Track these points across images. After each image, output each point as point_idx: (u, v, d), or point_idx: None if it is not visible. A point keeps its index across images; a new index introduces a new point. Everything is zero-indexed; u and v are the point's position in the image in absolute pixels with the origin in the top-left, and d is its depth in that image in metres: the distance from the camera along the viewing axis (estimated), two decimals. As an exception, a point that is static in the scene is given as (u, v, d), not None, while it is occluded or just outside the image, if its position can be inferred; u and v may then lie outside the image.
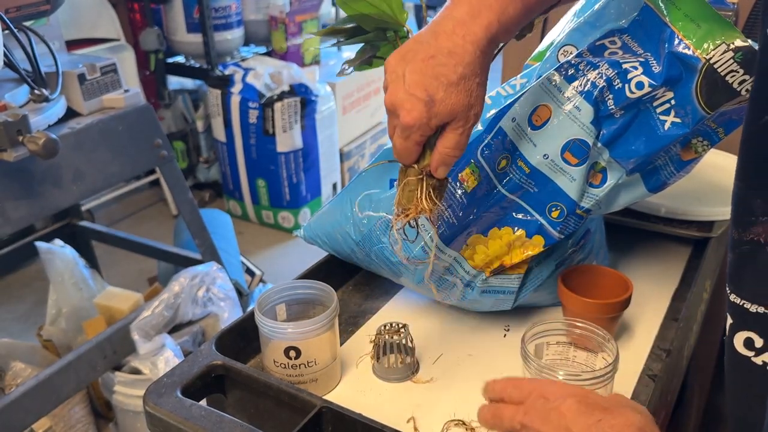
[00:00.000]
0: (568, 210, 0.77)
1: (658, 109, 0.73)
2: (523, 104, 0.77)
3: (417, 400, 0.77)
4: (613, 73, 0.72)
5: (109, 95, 1.53)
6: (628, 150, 0.76)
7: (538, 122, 0.76)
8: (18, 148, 1.22)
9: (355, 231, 0.85)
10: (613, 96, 0.72)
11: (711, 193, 1.05)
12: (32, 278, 2.64)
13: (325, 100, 2.92)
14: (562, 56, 0.79)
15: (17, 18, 1.36)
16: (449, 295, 0.86)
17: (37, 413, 1.41)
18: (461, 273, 0.83)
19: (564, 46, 0.80)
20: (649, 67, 0.71)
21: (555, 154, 0.75)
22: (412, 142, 0.64)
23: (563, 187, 0.76)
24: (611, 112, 0.74)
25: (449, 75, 0.61)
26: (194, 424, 0.68)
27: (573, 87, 0.74)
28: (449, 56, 0.61)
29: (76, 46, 2.67)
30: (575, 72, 0.74)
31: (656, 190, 0.81)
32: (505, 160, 0.78)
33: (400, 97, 0.62)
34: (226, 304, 1.66)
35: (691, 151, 0.77)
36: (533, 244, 0.80)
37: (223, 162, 3.04)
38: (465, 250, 0.82)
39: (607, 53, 0.74)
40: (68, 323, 1.83)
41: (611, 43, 0.74)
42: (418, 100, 0.61)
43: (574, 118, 0.74)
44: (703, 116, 0.71)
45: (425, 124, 0.62)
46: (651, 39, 0.72)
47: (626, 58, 0.73)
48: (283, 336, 0.74)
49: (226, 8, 2.95)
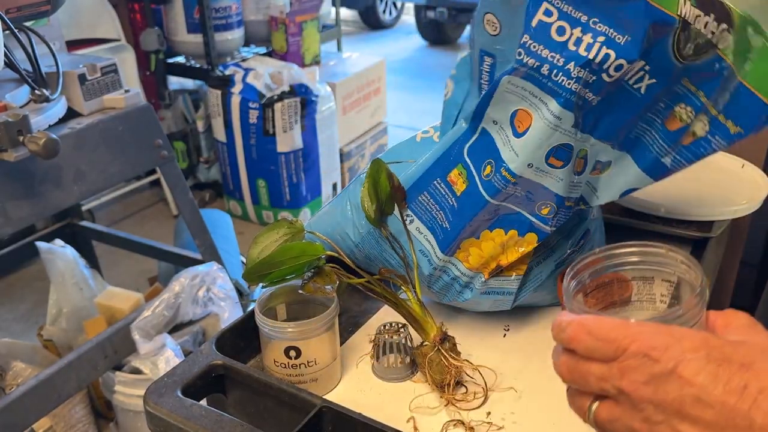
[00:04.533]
0: (557, 205, 0.77)
1: (630, 80, 0.71)
2: (498, 107, 0.74)
3: (417, 400, 0.77)
4: (586, 72, 0.68)
5: (109, 95, 1.53)
6: (609, 127, 0.74)
7: (521, 129, 0.73)
8: (19, 149, 1.23)
9: (354, 232, 0.85)
10: (589, 89, 0.70)
11: (711, 193, 1.05)
12: (33, 278, 2.64)
13: (325, 100, 2.93)
14: (488, 27, 0.74)
15: (18, 18, 1.36)
16: (447, 297, 0.86)
17: (38, 413, 1.41)
18: (456, 274, 0.83)
19: (485, 15, 0.74)
20: (614, 43, 0.67)
21: (539, 162, 0.73)
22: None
23: (550, 187, 0.75)
24: (590, 102, 0.71)
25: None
26: (194, 423, 0.68)
27: (544, 92, 0.70)
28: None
29: (77, 47, 2.67)
30: (538, 76, 0.70)
31: (653, 173, 0.78)
32: (489, 167, 0.76)
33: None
34: (226, 304, 1.66)
35: (675, 119, 0.75)
36: (526, 241, 0.80)
37: (223, 162, 3.04)
38: (459, 253, 0.82)
39: (552, 33, 0.68)
40: (69, 323, 1.84)
41: (546, 14, 0.68)
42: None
43: (556, 126, 0.71)
44: (675, 66, 0.69)
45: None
46: (591, 3, 0.67)
47: (584, 41, 0.67)
48: (283, 336, 0.75)
49: (227, 8, 2.95)
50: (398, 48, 6.38)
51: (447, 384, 0.74)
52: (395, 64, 5.72)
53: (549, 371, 0.82)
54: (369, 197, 0.81)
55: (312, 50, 3.26)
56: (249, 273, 0.77)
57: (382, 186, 0.81)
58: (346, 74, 3.22)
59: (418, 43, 6.54)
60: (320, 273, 0.79)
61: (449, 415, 0.74)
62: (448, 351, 0.75)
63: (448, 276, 0.83)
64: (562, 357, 0.46)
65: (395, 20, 7.18)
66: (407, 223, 0.82)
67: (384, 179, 0.81)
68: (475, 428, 0.72)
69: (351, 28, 7.02)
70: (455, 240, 0.80)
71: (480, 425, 0.72)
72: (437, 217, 0.80)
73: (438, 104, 0.87)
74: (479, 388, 0.76)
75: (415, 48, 6.40)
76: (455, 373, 0.74)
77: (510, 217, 0.79)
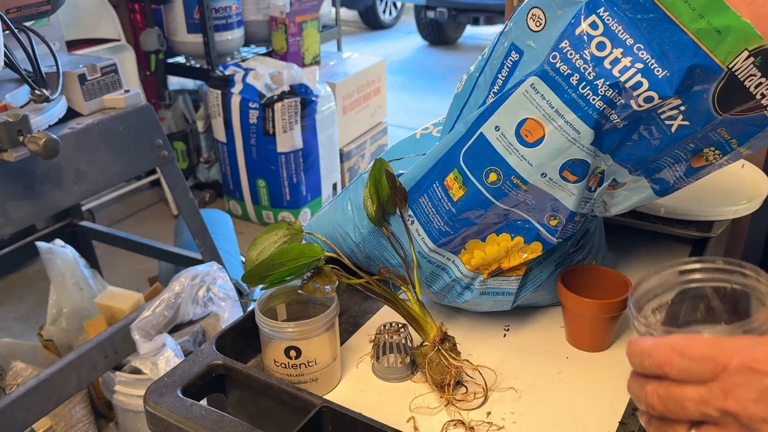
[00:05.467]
0: (567, 219, 0.76)
1: (663, 116, 0.69)
2: (506, 113, 0.72)
3: (417, 400, 0.77)
4: (614, 93, 0.66)
5: (109, 95, 1.53)
6: (631, 154, 0.73)
7: (530, 139, 0.71)
8: (19, 149, 1.23)
9: (355, 232, 0.85)
10: (616, 111, 0.68)
11: (711, 193, 1.05)
12: (33, 278, 2.64)
13: (325, 100, 2.93)
14: (531, 21, 0.72)
15: (18, 18, 1.36)
16: (448, 298, 0.86)
17: (38, 413, 1.41)
18: (457, 274, 0.83)
19: (532, 9, 0.71)
20: (652, 74, 0.65)
21: (553, 173, 0.72)
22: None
23: (562, 200, 0.74)
24: (614, 125, 0.69)
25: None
26: (195, 423, 0.68)
27: (565, 103, 0.68)
28: None
29: (77, 47, 2.67)
30: (563, 83, 0.68)
31: (665, 194, 0.79)
32: (494, 174, 0.74)
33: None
34: (226, 303, 1.66)
35: (702, 159, 0.74)
36: (531, 249, 0.80)
37: (223, 162, 3.04)
38: (463, 254, 0.81)
39: (592, 46, 0.66)
40: (69, 323, 1.84)
41: (592, 26, 0.66)
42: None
43: (573, 140, 0.69)
44: (713, 117, 0.68)
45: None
46: (641, 23, 0.65)
47: (621, 62, 0.66)
48: (284, 336, 0.75)
49: (227, 9, 2.95)
50: (398, 48, 6.38)
51: (447, 384, 0.74)
52: (395, 64, 5.72)
53: (549, 371, 0.82)
54: (371, 197, 0.81)
55: (312, 50, 3.26)
56: (248, 275, 0.77)
57: (384, 186, 0.81)
58: (346, 74, 3.22)
59: (418, 43, 6.54)
60: (320, 273, 0.79)
61: (449, 415, 0.74)
62: (448, 351, 0.75)
63: (449, 277, 0.83)
64: (650, 386, 0.42)
65: (395, 20, 7.18)
66: (409, 223, 0.82)
67: (385, 179, 0.81)
68: (476, 428, 0.72)
69: (351, 28, 7.02)
70: (457, 237, 0.80)
71: (480, 425, 0.72)
72: (434, 221, 0.79)
73: (438, 104, 0.87)
74: (479, 388, 0.76)
75: (415, 48, 6.40)
76: (455, 373, 0.74)
77: (518, 224, 0.78)
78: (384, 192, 0.81)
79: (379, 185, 0.81)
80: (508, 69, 0.75)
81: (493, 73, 0.77)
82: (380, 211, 0.82)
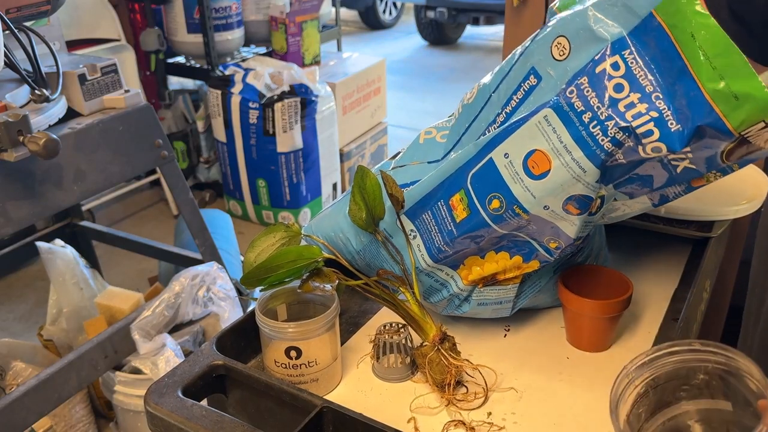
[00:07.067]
0: (566, 243, 0.76)
1: (669, 156, 0.68)
2: (517, 141, 0.71)
3: (417, 400, 0.77)
4: (623, 136, 0.65)
5: (109, 95, 1.53)
6: (634, 186, 0.73)
7: (537, 171, 0.70)
8: (19, 149, 1.23)
9: (356, 240, 0.85)
10: (622, 152, 0.67)
11: (711, 193, 1.05)
12: (33, 278, 2.64)
13: (325, 100, 2.93)
14: (555, 49, 0.71)
15: (18, 18, 1.36)
16: (447, 310, 0.86)
17: (38, 413, 1.41)
18: (455, 290, 0.83)
19: (558, 37, 0.71)
20: (665, 126, 0.63)
21: (556, 206, 0.72)
22: None
23: (564, 229, 0.74)
24: (619, 163, 0.68)
25: None
26: (195, 423, 0.68)
27: (574, 140, 0.68)
28: None
29: (77, 47, 2.67)
30: (576, 119, 0.67)
31: (662, 204, 0.79)
32: (497, 201, 0.74)
33: None
34: (226, 303, 1.66)
35: (703, 180, 0.74)
36: (528, 266, 0.80)
37: (223, 162, 3.04)
38: (462, 269, 0.81)
39: (610, 87, 0.66)
40: (69, 323, 1.84)
41: (614, 66, 0.66)
42: None
43: (578, 178, 0.69)
44: (717, 163, 0.68)
45: None
46: (664, 71, 0.64)
47: (636, 107, 0.65)
48: (284, 336, 0.75)
49: (227, 9, 2.95)
50: (398, 48, 6.38)
51: (447, 384, 0.74)
52: (395, 64, 5.72)
53: (549, 371, 0.82)
54: (358, 205, 0.81)
55: (312, 50, 3.26)
56: (246, 278, 0.77)
57: (369, 191, 0.80)
58: (346, 74, 3.22)
59: (418, 43, 6.54)
60: (319, 273, 0.79)
61: (450, 416, 0.74)
62: (448, 351, 0.75)
63: (447, 291, 0.83)
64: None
65: (395, 20, 7.18)
66: (411, 237, 0.81)
67: (370, 184, 0.80)
68: (476, 428, 0.72)
69: (351, 28, 7.02)
70: (457, 255, 0.80)
71: (481, 425, 0.72)
72: (435, 239, 0.79)
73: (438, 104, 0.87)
74: (480, 388, 0.76)
75: (415, 48, 6.40)
76: (455, 373, 0.74)
77: (518, 244, 0.78)
78: (370, 196, 0.80)
79: (365, 191, 0.80)
80: (524, 92, 0.75)
81: (508, 93, 0.76)
82: (370, 217, 0.82)
